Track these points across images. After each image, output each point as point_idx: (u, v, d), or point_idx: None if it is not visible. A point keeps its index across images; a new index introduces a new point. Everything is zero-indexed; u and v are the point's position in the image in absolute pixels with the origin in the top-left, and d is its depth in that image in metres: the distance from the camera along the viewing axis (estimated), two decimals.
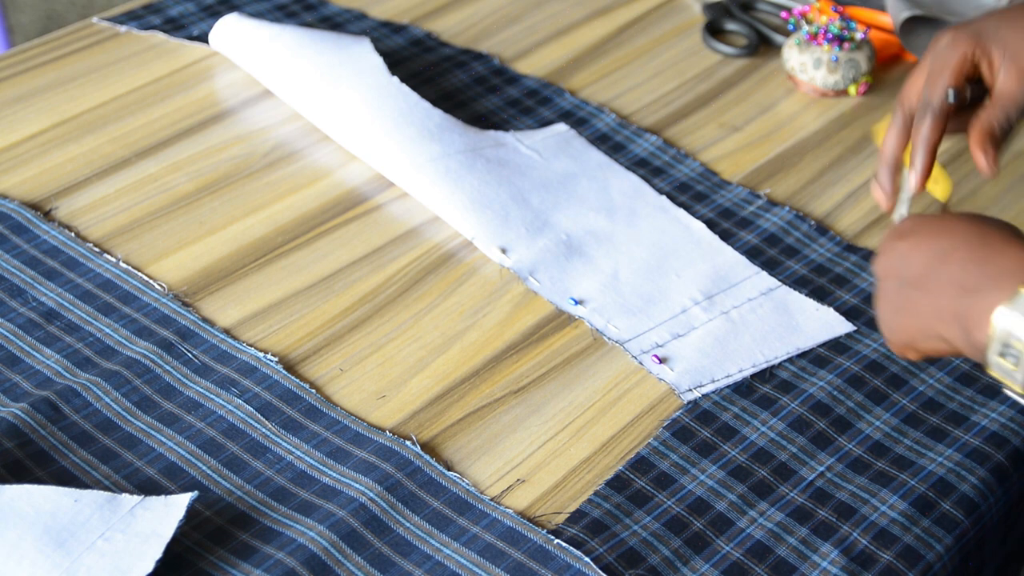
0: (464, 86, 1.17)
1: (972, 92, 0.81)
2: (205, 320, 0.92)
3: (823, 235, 1.04)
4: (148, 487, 0.80)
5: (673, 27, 1.28)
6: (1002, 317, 0.69)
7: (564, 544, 0.79)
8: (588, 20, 1.28)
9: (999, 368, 0.70)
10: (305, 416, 0.86)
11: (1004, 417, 0.90)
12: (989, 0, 1.22)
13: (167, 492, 0.80)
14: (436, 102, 1.12)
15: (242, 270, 0.97)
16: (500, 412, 0.88)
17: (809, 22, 1.21)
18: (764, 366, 0.92)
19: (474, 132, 1.08)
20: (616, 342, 0.94)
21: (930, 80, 0.81)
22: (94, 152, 1.06)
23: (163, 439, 0.84)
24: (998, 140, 0.79)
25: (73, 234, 0.98)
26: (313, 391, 0.88)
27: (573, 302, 0.96)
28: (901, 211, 0.84)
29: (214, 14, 1.21)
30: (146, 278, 0.95)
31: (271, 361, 0.89)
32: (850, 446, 0.87)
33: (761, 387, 0.91)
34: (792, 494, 0.84)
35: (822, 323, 0.96)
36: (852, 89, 1.20)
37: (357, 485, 0.81)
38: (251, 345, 0.91)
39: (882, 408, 0.90)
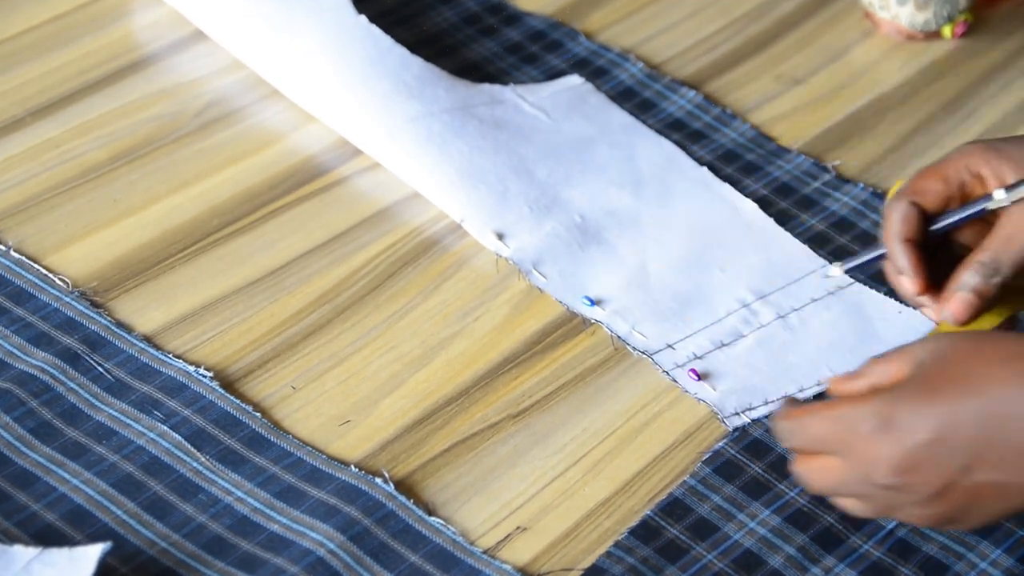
0: (451, 27, 1.18)
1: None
2: (120, 325, 0.93)
3: None
4: (47, 536, 0.81)
5: None
6: None
7: None
8: None
9: None
10: (248, 447, 0.87)
11: None
12: None
13: (72, 543, 0.80)
14: (415, 47, 1.12)
15: (168, 261, 0.98)
16: (496, 442, 0.89)
17: None
18: None
19: (463, 86, 1.09)
20: (643, 353, 0.94)
21: (918, 178, 0.89)
22: None
23: (66, 476, 0.84)
24: (979, 288, 0.86)
25: None
26: (258, 415, 0.88)
27: (588, 302, 0.97)
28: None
29: None
30: (44, 271, 0.95)
31: (204, 377, 0.90)
32: None
33: None
34: (866, 547, 0.85)
35: (906, 329, 0.97)
36: (947, 30, 1.20)
37: (314, 534, 0.82)
38: (179, 357, 0.91)
39: None
